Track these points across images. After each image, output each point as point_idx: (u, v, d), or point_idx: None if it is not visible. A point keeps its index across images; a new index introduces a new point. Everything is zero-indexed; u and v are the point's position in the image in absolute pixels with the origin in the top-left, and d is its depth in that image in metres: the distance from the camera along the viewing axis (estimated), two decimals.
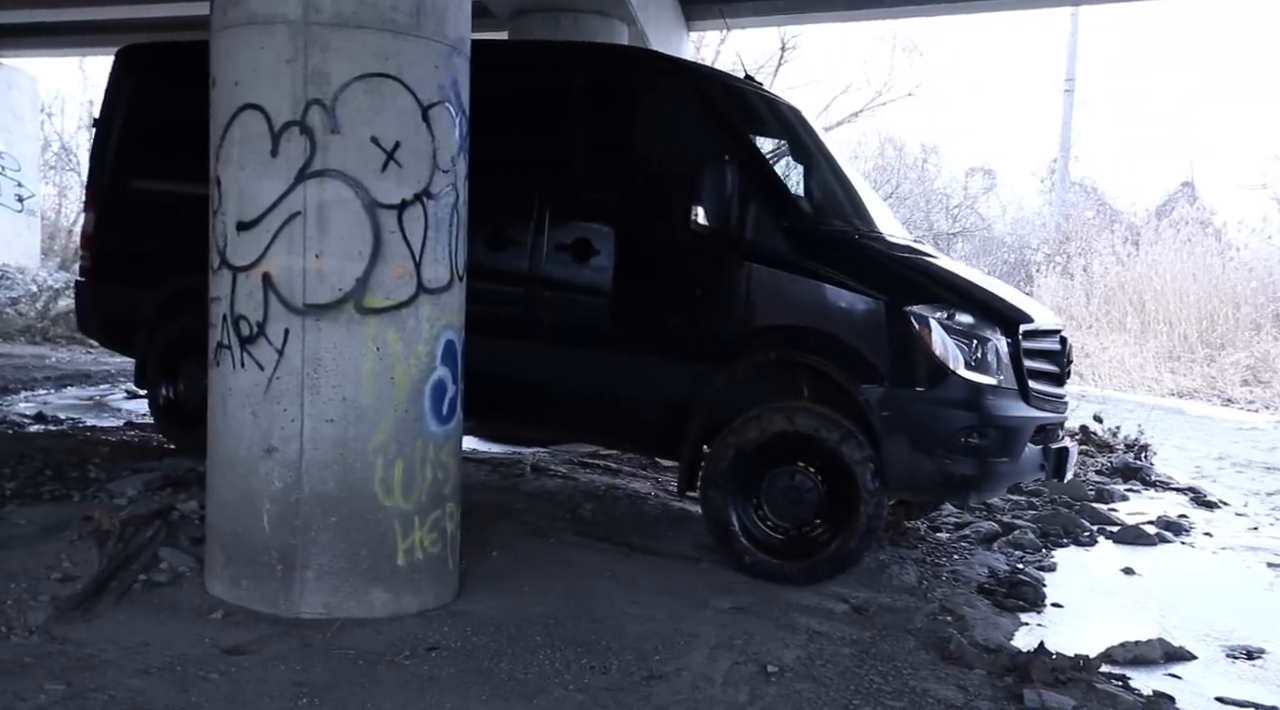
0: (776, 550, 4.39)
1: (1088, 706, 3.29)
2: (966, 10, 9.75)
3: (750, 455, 4.38)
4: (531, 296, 4.87)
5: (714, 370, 4.49)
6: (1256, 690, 3.63)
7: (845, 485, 4.28)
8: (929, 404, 4.25)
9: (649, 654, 3.40)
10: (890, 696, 3.26)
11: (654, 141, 4.85)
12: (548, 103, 5.05)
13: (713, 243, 4.51)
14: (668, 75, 4.96)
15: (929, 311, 4.27)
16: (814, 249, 4.50)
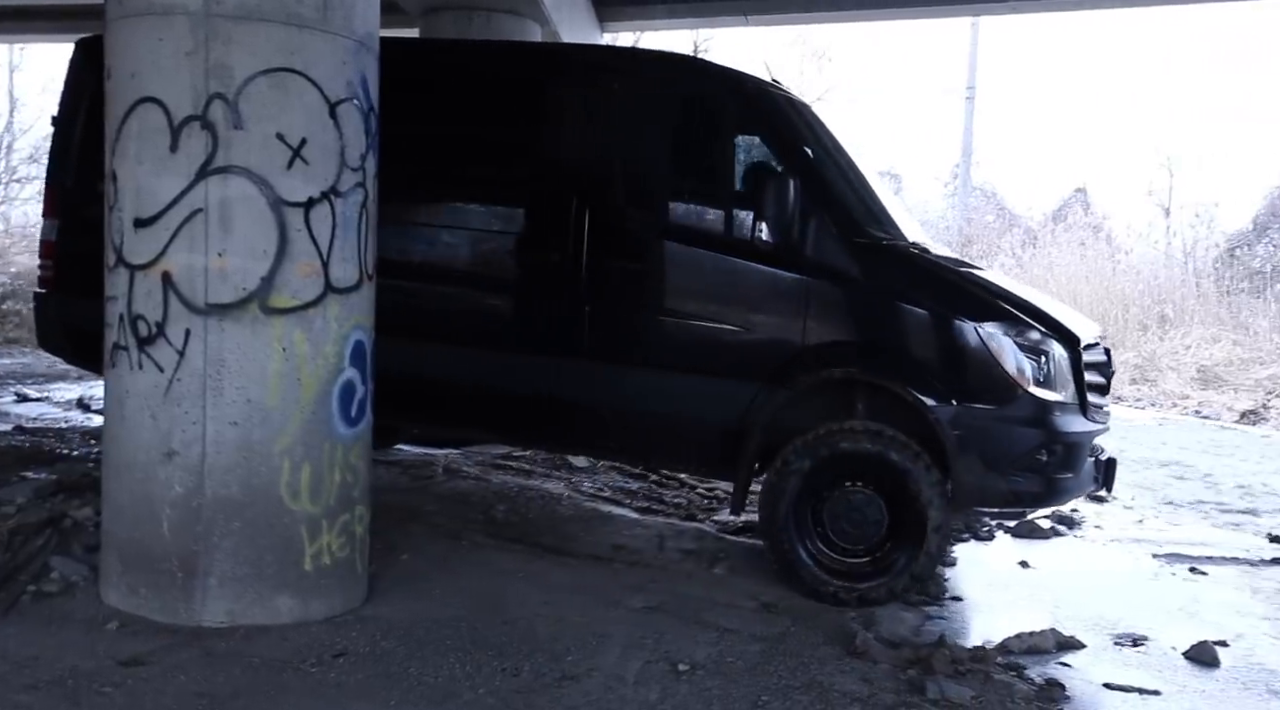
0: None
1: (985, 695, 3.41)
2: (872, 17, 9.97)
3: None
4: (575, 312, 4.67)
5: (773, 389, 4.38)
6: (1141, 675, 3.80)
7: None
8: (1002, 422, 4.22)
9: (561, 655, 3.40)
10: (798, 691, 3.33)
11: (710, 154, 4.72)
12: (596, 111, 4.81)
13: (774, 258, 4.40)
14: (724, 84, 4.76)
15: (1000, 329, 4.24)
16: (878, 264, 4.39)
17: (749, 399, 4.40)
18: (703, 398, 4.50)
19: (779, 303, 4.42)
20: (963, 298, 4.34)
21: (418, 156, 4.93)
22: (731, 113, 4.67)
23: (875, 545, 4.32)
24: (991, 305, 4.33)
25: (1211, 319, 16.31)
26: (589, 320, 4.64)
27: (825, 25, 10.86)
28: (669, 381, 4.55)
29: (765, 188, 4.30)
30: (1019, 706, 3.38)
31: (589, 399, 4.68)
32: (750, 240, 4.43)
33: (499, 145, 5.01)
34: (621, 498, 5.98)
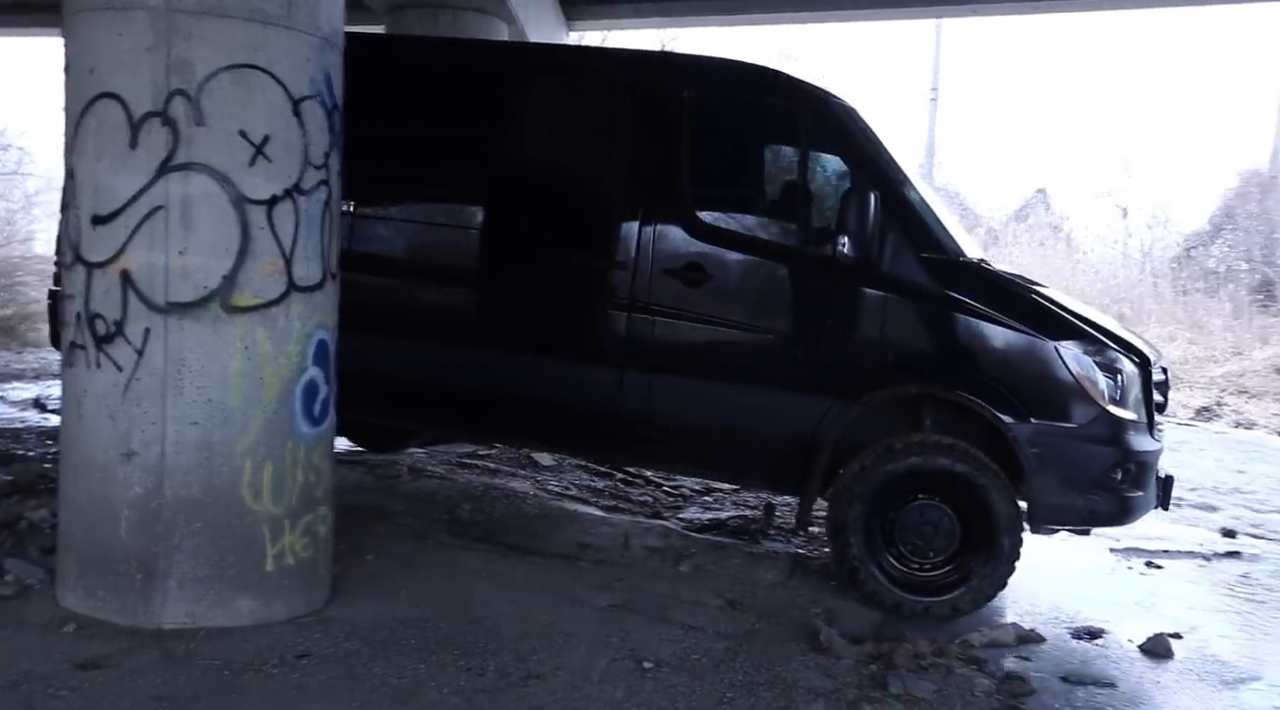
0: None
1: (946, 689, 3.45)
2: (838, 19, 10.04)
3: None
4: (643, 324, 4.60)
5: (846, 404, 4.35)
6: (1098, 668, 3.87)
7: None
8: (1080, 440, 4.21)
9: (526, 654, 3.40)
10: (763, 687, 3.35)
11: (784, 165, 4.72)
12: (663, 117, 4.73)
13: (852, 273, 4.36)
14: (797, 95, 4.66)
15: (1078, 347, 4.25)
16: (953, 281, 4.35)
17: (822, 413, 4.38)
18: (776, 412, 4.46)
19: (856, 317, 4.44)
20: (1039, 315, 4.34)
21: (478, 161, 4.96)
22: (806, 125, 4.59)
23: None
24: (1068, 323, 4.34)
25: (1168, 318, 16.61)
26: (658, 332, 4.58)
27: (791, 26, 10.91)
28: (742, 395, 4.50)
29: (847, 202, 4.28)
30: (979, 700, 3.43)
31: (654, 412, 4.61)
32: (829, 255, 4.37)
33: (564, 153, 4.95)
34: (588, 496, 5.99)
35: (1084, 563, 5.51)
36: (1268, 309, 18.26)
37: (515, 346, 4.79)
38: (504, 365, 4.80)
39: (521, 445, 6.17)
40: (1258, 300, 18.79)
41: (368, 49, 4.65)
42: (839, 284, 4.42)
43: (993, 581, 4.27)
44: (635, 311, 4.59)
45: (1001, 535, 4.21)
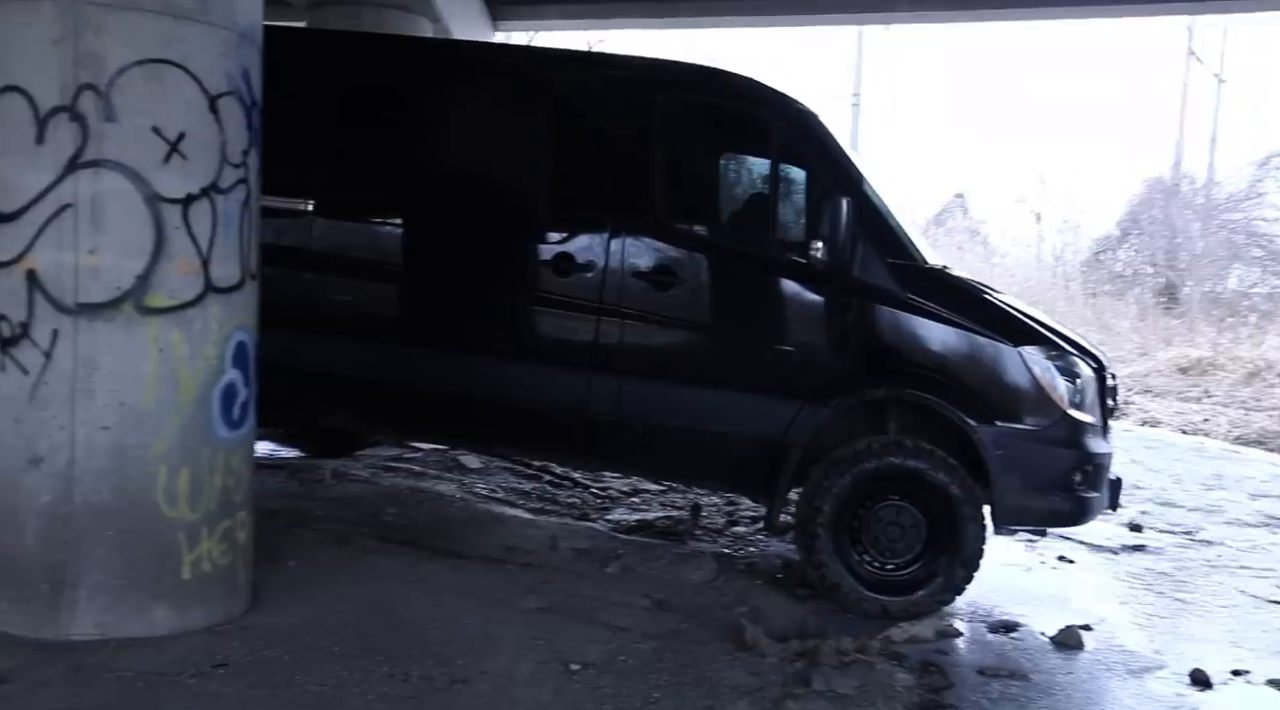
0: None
1: (868, 685, 3.52)
2: (764, 24, 10.16)
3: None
4: (612, 327, 4.60)
5: (816, 407, 4.41)
6: (1013, 661, 3.98)
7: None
8: (1043, 443, 4.34)
9: (452, 658, 3.37)
10: (689, 686, 3.38)
11: (755, 171, 4.74)
12: (634, 121, 4.72)
13: (823, 278, 4.41)
14: (772, 105, 4.69)
15: (1039, 351, 4.38)
16: (919, 287, 4.44)
17: (791, 416, 4.42)
18: (746, 415, 4.50)
19: (825, 322, 4.50)
20: (1002, 320, 4.47)
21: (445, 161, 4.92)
22: (777, 130, 4.63)
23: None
24: (1029, 328, 4.48)
25: (1078, 319, 17.16)
26: (627, 335, 4.59)
27: (717, 30, 11.01)
28: (711, 398, 4.53)
29: (821, 208, 4.33)
30: (900, 695, 3.50)
31: (623, 415, 4.61)
32: (802, 260, 4.43)
33: (538, 155, 4.92)
34: (515, 498, 5.96)
35: (999, 558, 5.66)
36: (1170, 311, 19.04)
37: (482, 349, 4.76)
38: (469, 368, 4.76)
39: (484, 449, 6.12)
40: (1161, 303, 19.58)
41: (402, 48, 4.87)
42: (811, 289, 4.48)
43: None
44: (604, 315, 4.59)
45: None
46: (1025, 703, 3.57)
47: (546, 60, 5.06)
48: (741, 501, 6.42)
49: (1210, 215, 22.45)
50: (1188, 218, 22.43)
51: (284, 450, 6.53)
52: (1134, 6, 8.93)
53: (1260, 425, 11.61)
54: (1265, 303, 19.92)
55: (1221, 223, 22.34)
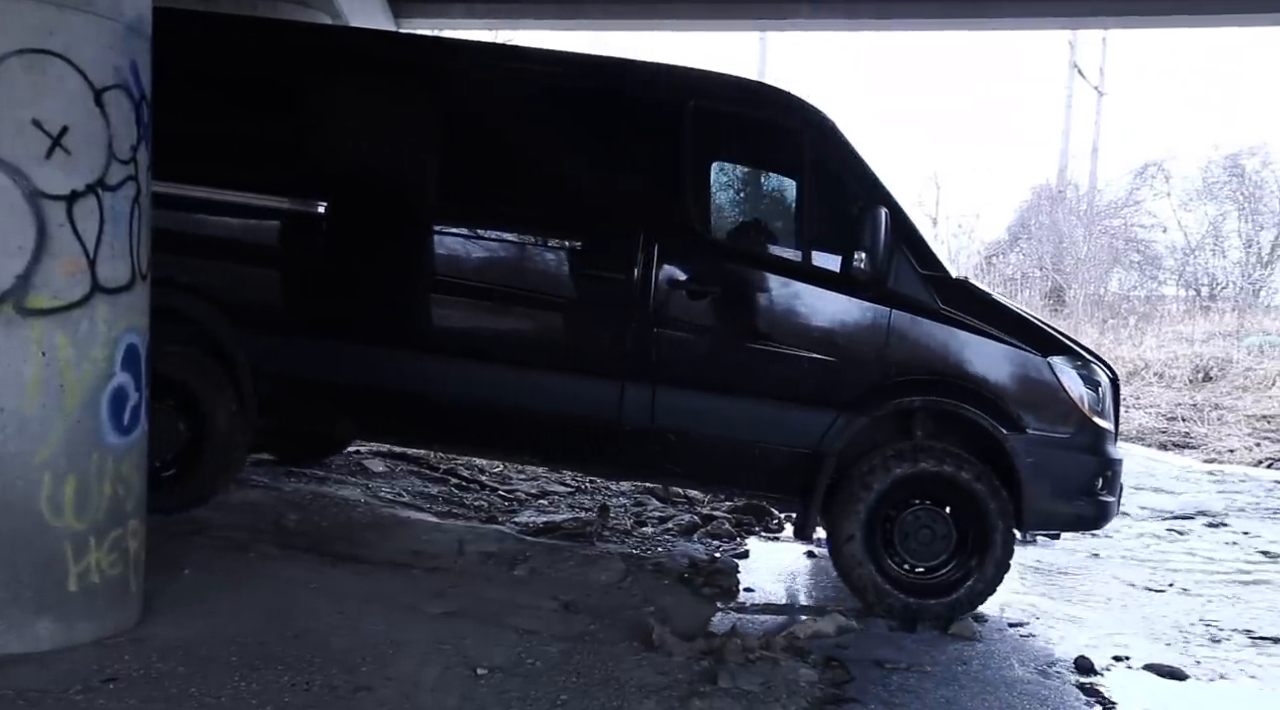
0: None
1: (773, 681, 3.58)
2: (671, 28, 10.26)
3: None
4: (647, 337, 4.56)
5: (851, 416, 4.47)
6: (912, 654, 4.10)
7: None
8: (1070, 450, 4.50)
9: (356, 665, 3.31)
10: (596, 688, 3.38)
11: (791, 182, 4.74)
12: (668, 130, 4.68)
13: (861, 288, 4.46)
14: (803, 115, 4.72)
15: (1065, 361, 4.53)
16: (950, 298, 4.53)
17: (828, 425, 4.49)
18: (782, 424, 4.54)
19: (863, 332, 4.52)
20: (1029, 331, 4.62)
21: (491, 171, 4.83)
22: (811, 141, 4.65)
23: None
24: (1055, 338, 4.66)
25: None
26: (662, 345, 4.56)
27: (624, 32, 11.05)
28: (747, 408, 4.55)
29: (860, 219, 4.36)
30: (803, 690, 3.57)
31: (657, 424, 4.59)
32: (843, 271, 4.47)
33: (572, 164, 4.86)
34: (421, 502, 5.88)
35: None
36: (1059, 312, 19.83)
37: (511, 358, 4.68)
38: (497, 377, 4.67)
39: (509, 458, 6.04)
40: (1049, 304, 20.39)
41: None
42: (849, 299, 4.52)
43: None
44: (646, 325, 4.56)
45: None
46: (923, 694, 3.68)
47: (578, 67, 4.95)
48: (649, 501, 6.47)
49: (1093, 221, 23.46)
50: (1072, 223, 23.39)
51: None
52: (1016, 20, 9.28)
53: (1139, 422, 12.19)
54: (1143, 305, 20.95)
55: (1103, 229, 23.37)
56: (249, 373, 4.73)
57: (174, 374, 4.57)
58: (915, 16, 9.07)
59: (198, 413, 4.71)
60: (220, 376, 4.74)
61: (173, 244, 4.50)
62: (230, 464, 4.88)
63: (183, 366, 4.67)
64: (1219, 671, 4.25)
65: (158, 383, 4.56)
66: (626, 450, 4.68)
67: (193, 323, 4.72)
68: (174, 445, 4.69)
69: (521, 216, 4.71)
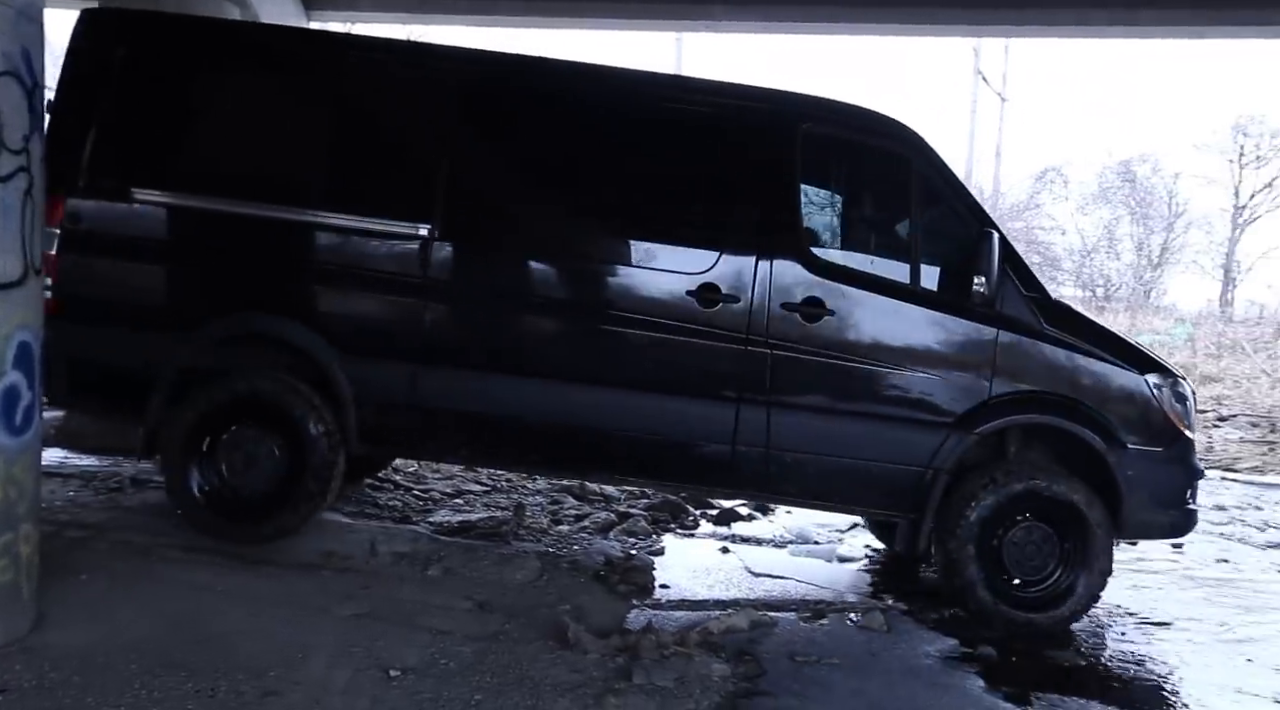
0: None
1: (687, 676, 3.62)
2: (583, 26, 10.23)
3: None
4: (758, 359, 4.59)
5: (962, 434, 4.60)
6: (823, 646, 4.18)
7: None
8: (1167, 463, 4.71)
9: (263, 670, 3.24)
10: (511, 687, 3.37)
11: (902, 206, 4.83)
12: (780, 153, 4.73)
13: (976, 312, 4.59)
14: (910, 141, 4.82)
15: (1160, 378, 4.74)
16: (1052, 319, 4.71)
17: (939, 443, 4.61)
18: (896, 444, 4.64)
19: (973, 352, 4.65)
20: (1126, 349, 4.83)
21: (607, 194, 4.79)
22: (917, 166, 4.76)
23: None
24: (1148, 356, 4.88)
25: None
26: (777, 367, 4.60)
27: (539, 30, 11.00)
28: (864, 428, 4.63)
29: (984, 243, 4.50)
30: (716, 684, 3.62)
31: (773, 445, 4.62)
32: (958, 294, 4.60)
33: (679, 190, 4.82)
34: (333, 502, 5.76)
35: (813, 555, 5.93)
36: None
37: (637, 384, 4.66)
38: (625, 403, 4.66)
39: (617, 481, 5.92)
40: None
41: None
42: (961, 321, 4.65)
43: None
44: (756, 347, 4.60)
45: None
46: (833, 685, 3.76)
47: (696, 92, 4.94)
48: (566, 500, 6.47)
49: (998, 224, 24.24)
50: None
51: (77, 457, 6.08)
52: (923, 26, 9.51)
53: None
54: None
55: (1006, 231, 24.16)
56: (352, 401, 4.64)
57: (274, 401, 4.56)
58: (827, 20, 9.22)
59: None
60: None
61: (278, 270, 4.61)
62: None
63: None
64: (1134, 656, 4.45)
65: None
66: (742, 470, 4.71)
67: (298, 351, 4.64)
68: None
69: (639, 243, 4.72)
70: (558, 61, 4.97)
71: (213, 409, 4.58)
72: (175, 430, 4.55)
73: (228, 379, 4.59)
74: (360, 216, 4.64)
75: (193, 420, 4.55)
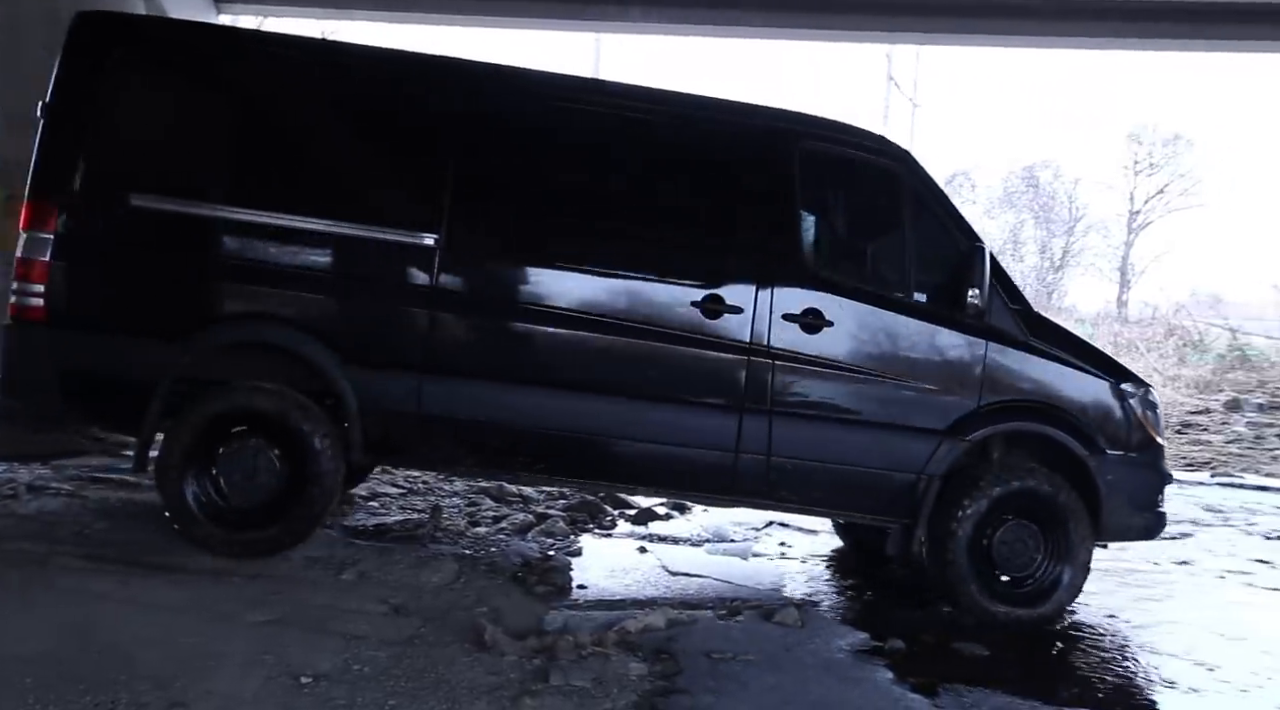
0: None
1: (604, 676, 3.63)
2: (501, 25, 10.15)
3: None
4: (760, 369, 4.71)
5: (953, 441, 4.79)
6: (739, 643, 4.23)
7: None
8: (1141, 468, 4.97)
9: (168, 681, 3.15)
10: (426, 691, 3.35)
11: (896, 220, 4.93)
12: (772, 169, 4.85)
13: (966, 324, 4.79)
14: (901, 158, 5.00)
15: (1134, 387, 5.00)
16: (1035, 330, 4.93)
17: (932, 450, 4.79)
18: (892, 451, 4.80)
19: (965, 362, 4.84)
20: (1102, 359, 5.09)
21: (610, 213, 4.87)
22: (908, 182, 4.93)
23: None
24: (1121, 366, 5.15)
25: None
26: (778, 378, 4.71)
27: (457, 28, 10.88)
28: (861, 437, 4.78)
29: (976, 257, 4.70)
30: (634, 683, 3.64)
31: (775, 453, 4.73)
32: (953, 307, 4.77)
33: (683, 204, 4.89)
34: None
35: (730, 553, 6.00)
36: None
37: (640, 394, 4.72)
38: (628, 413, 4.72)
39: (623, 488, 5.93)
40: None
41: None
42: (953, 333, 4.83)
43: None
44: (758, 359, 4.71)
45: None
46: (749, 681, 3.81)
47: (701, 108, 4.98)
48: (484, 501, 6.43)
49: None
50: None
51: None
52: (838, 32, 9.70)
53: None
54: None
55: None
56: (357, 411, 4.60)
57: (273, 411, 4.50)
58: (745, 24, 9.34)
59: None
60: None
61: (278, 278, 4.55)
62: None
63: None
64: None
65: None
66: (744, 479, 4.79)
67: (300, 360, 4.58)
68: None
69: (644, 255, 4.79)
70: (567, 77, 5.03)
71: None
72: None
73: (228, 389, 4.52)
74: (364, 225, 4.61)
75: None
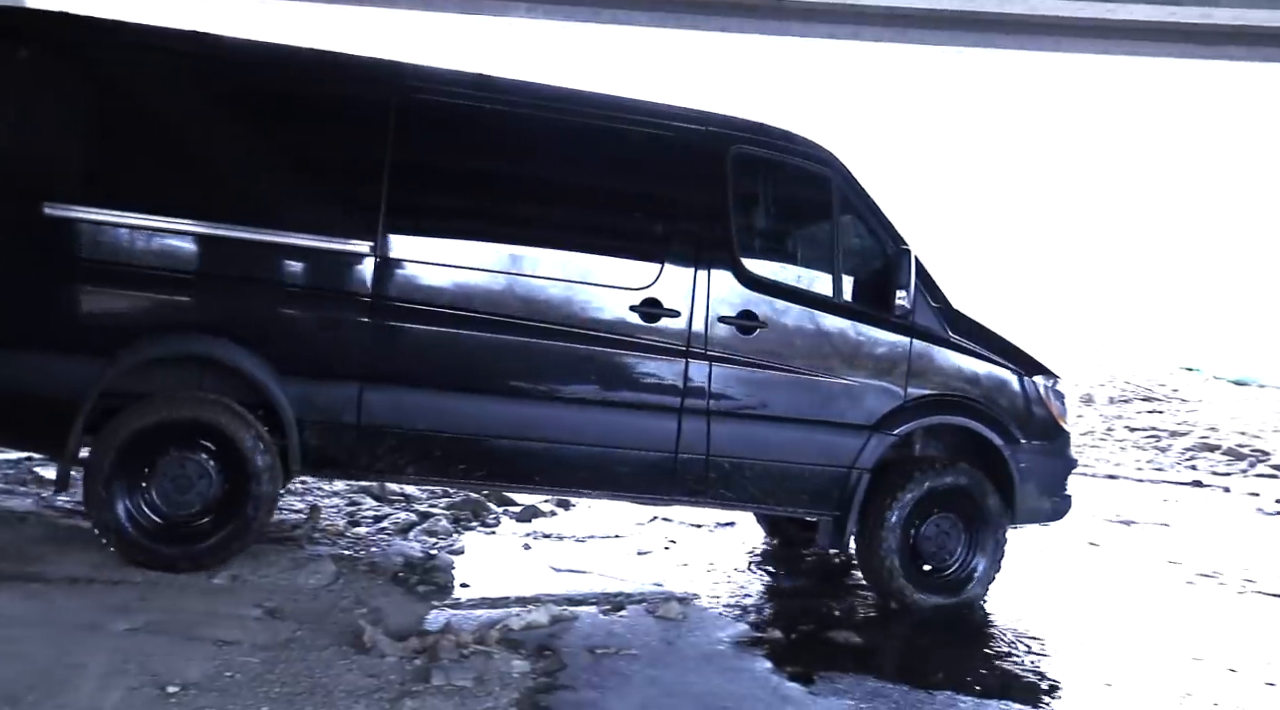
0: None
1: (486, 675, 3.61)
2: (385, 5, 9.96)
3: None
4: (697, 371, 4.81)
5: (881, 435, 5.00)
6: (621, 637, 4.27)
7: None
8: (1051, 455, 5.33)
9: (19, 696, 2.99)
10: (302, 696, 3.27)
11: (826, 223, 5.09)
12: (712, 175, 4.91)
13: (893, 323, 5.01)
14: (830, 162, 5.13)
15: (1045, 379, 5.34)
16: (956, 327, 5.19)
17: (862, 445, 4.99)
18: (825, 446, 4.97)
19: (893, 360, 5.05)
20: (1016, 354, 5.35)
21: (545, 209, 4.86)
22: (837, 186, 5.09)
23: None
24: (1035, 360, 5.40)
25: None
26: (715, 379, 4.81)
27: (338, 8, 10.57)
28: (796, 434, 4.92)
29: (902, 259, 4.91)
30: (516, 681, 3.63)
31: (713, 453, 4.81)
32: (874, 306, 4.99)
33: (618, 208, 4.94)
34: None
35: (615, 549, 6.05)
36: None
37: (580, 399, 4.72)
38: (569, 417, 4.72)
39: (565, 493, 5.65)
40: None
41: None
42: (882, 332, 5.05)
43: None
44: (695, 360, 4.80)
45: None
46: (631, 675, 3.84)
47: (625, 110, 4.94)
48: (365, 501, 6.31)
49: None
50: None
51: None
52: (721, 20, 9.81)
53: None
54: None
55: None
56: (295, 423, 4.46)
57: (213, 424, 4.34)
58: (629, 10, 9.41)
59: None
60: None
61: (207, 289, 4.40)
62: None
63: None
64: None
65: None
66: (684, 479, 4.85)
67: (233, 372, 4.41)
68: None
69: (581, 261, 4.78)
70: (504, 80, 4.93)
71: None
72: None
73: (156, 403, 4.30)
74: (295, 233, 4.47)
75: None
